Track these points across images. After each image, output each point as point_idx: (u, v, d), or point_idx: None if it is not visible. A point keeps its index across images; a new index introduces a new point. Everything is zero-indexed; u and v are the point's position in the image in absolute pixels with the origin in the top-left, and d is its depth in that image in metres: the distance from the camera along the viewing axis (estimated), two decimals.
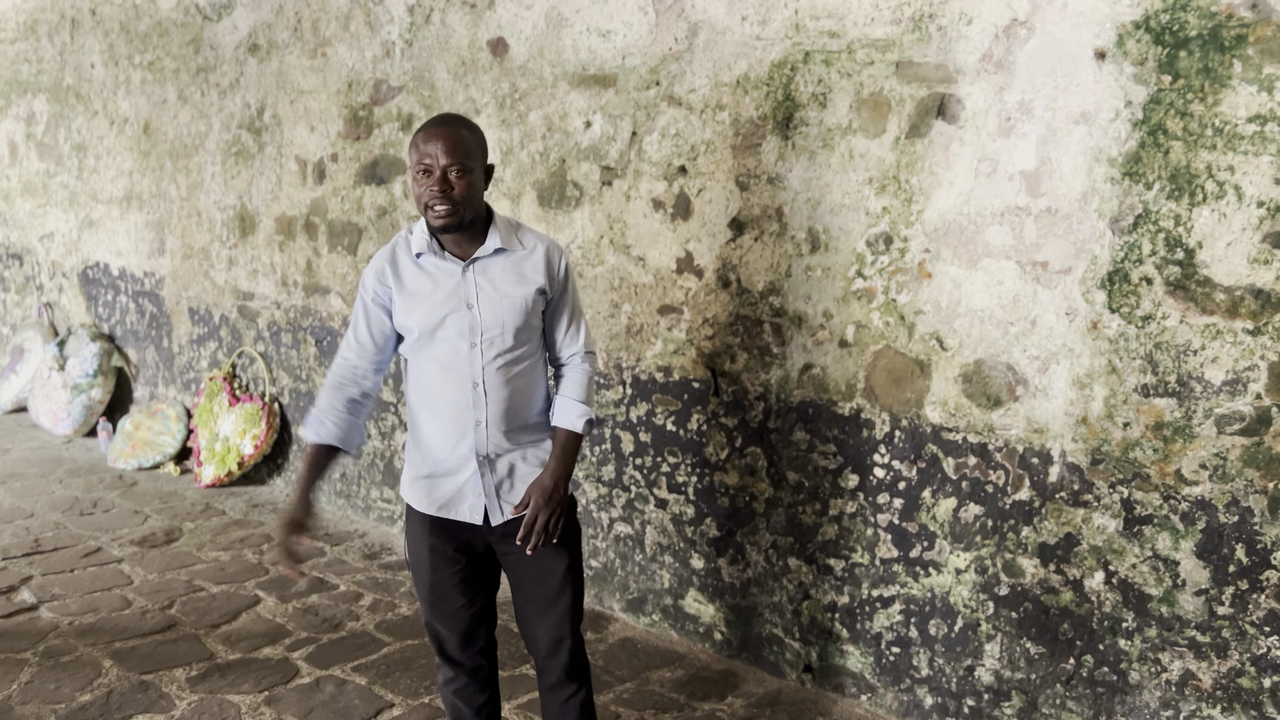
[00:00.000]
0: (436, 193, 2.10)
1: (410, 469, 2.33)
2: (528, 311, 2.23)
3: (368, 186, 4.35)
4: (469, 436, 2.22)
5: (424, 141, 2.12)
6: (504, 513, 2.26)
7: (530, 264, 2.25)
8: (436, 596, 2.31)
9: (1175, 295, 2.45)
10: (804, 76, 3.00)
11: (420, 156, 2.11)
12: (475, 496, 2.24)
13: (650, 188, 3.39)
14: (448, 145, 2.10)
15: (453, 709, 2.44)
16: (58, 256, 6.33)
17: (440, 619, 2.33)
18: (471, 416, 2.21)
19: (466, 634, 2.34)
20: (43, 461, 5.41)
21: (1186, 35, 2.38)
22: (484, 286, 2.20)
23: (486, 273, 2.21)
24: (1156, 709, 2.59)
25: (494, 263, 2.22)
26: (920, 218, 2.82)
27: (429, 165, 2.11)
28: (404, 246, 2.25)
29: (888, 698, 3.06)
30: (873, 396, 2.98)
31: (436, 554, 2.29)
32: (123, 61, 5.56)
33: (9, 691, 3.04)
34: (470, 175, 2.14)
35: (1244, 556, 2.43)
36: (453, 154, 2.10)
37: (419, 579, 2.34)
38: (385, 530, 4.49)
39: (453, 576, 2.30)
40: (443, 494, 2.26)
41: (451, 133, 2.12)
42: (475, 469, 2.23)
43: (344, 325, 4.55)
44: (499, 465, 2.25)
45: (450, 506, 2.26)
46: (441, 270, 2.21)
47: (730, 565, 3.38)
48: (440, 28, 3.96)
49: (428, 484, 2.28)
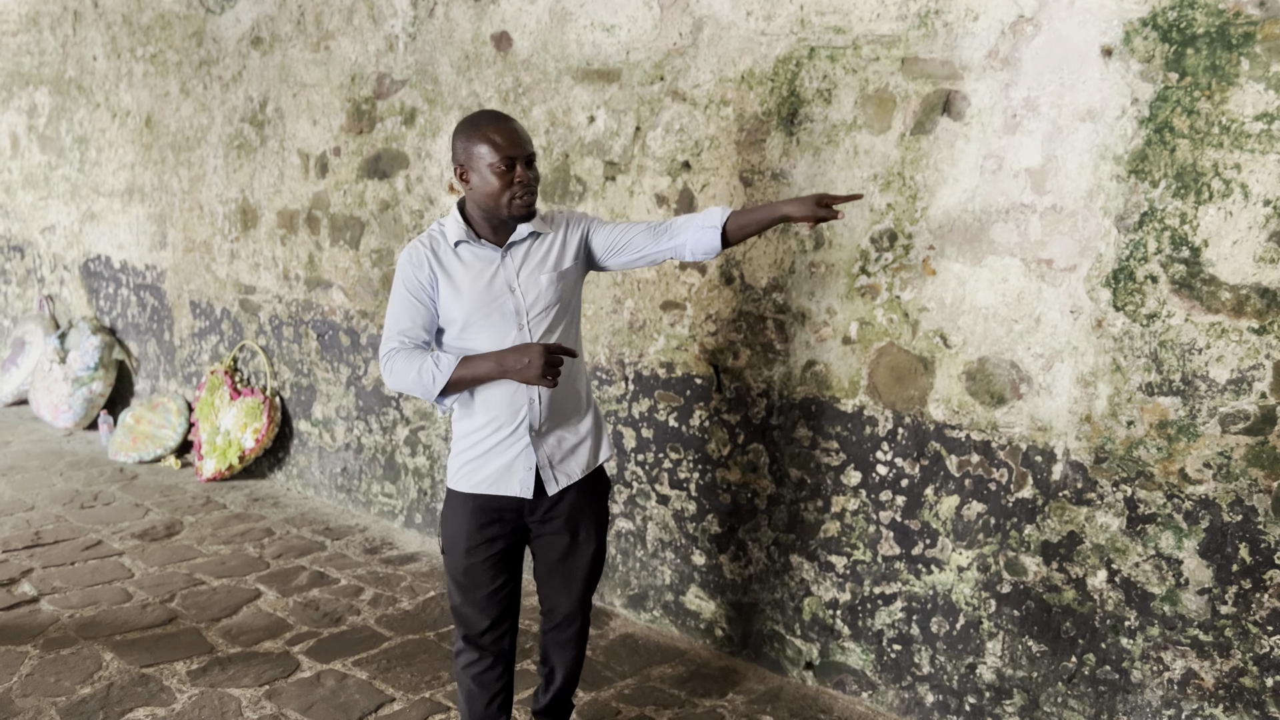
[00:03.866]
0: (525, 183, 2.24)
1: (460, 455, 2.39)
2: (567, 287, 2.36)
3: (370, 180, 4.34)
4: (522, 411, 2.31)
5: (500, 136, 2.23)
6: (559, 483, 2.37)
7: (559, 242, 2.38)
8: (470, 580, 2.38)
9: (1180, 293, 2.45)
10: (809, 72, 2.99)
11: (501, 152, 2.22)
12: (526, 471, 2.34)
13: (654, 183, 3.38)
14: (522, 139, 2.25)
15: (468, 693, 2.47)
16: (59, 249, 6.33)
17: (471, 602, 2.39)
18: (525, 394, 2.30)
19: (496, 618, 2.42)
20: (43, 454, 5.41)
21: (1194, 33, 2.37)
22: (523, 269, 2.32)
23: (524, 256, 2.33)
24: (1159, 708, 2.59)
25: (529, 246, 2.34)
26: (925, 214, 2.82)
27: (514, 159, 2.23)
28: (440, 238, 2.34)
29: (889, 695, 3.06)
30: (876, 393, 2.98)
31: (475, 536, 2.36)
32: (125, 54, 5.55)
33: (9, 684, 3.04)
34: (535, 163, 2.31)
35: (1247, 556, 2.42)
36: (527, 145, 2.26)
37: (453, 562, 2.40)
38: (386, 525, 4.48)
39: (488, 560, 2.37)
40: (493, 471, 2.34)
41: (520, 127, 2.27)
42: (528, 444, 2.33)
43: (345, 319, 4.55)
44: (549, 439, 2.37)
45: (501, 483, 2.34)
46: (480, 257, 2.31)
47: (732, 562, 3.38)
48: (444, 21, 3.95)
49: (478, 464, 2.35)
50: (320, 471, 4.82)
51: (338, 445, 4.71)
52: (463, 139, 2.26)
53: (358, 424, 4.59)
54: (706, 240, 2.38)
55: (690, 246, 2.40)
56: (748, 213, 2.38)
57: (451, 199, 4.03)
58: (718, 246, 2.39)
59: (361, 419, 4.57)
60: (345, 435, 4.66)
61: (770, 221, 2.38)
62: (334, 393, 4.68)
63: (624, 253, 2.43)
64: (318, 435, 4.81)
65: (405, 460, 4.40)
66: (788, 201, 2.35)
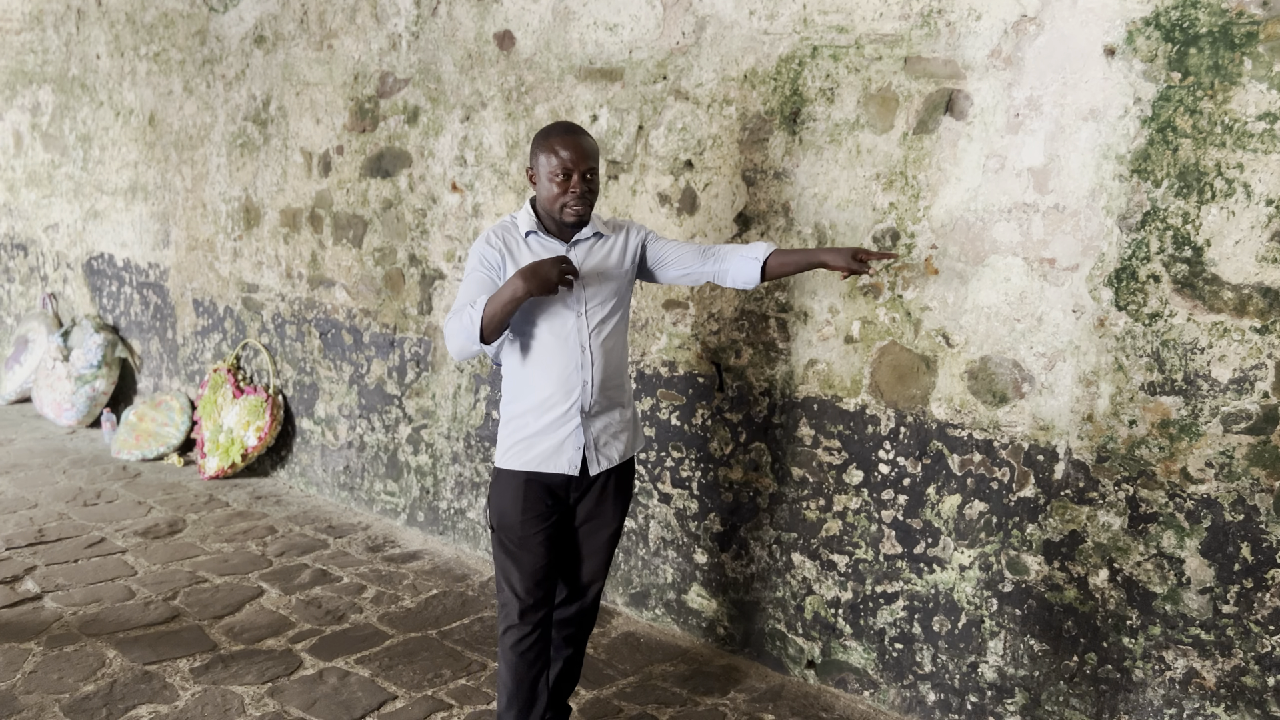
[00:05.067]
0: (577, 194, 2.42)
1: (510, 435, 2.53)
2: (622, 286, 2.56)
3: (373, 179, 4.34)
4: (575, 394, 2.47)
5: (562, 148, 2.41)
6: (600, 464, 2.53)
7: (619, 245, 2.58)
8: (525, 550, 2.50)
9: (1183, 293, 2.45)
10: (811, 71, 2.99)
11: (561, 162, 2.41)
12: (574, 450, 2.49)
13: (656, 182, 3.38)
14: (585, 152, 2.43)
15: (516, 670, 2.55)
16: (62, 247, 6.34)
17: (524, 575, 2.51)
18: (579, 377, 2.47)
19: (546, 591, 2.55)
20: (46, 452, 5.42)
21: (1197, 32, 2.37)
22: (585, 263, 2.50)
23: (586, 252, 2.51)
24: (1160, 707, 2.59)
25: (592, 245, 2.53)
26: (927, 214, 2.82)
27: (570, 169, 2.41)
28: (511, 228, 2.52)
29: (890, 694, 3.06)
30: (878, 393, 2.98)
31: (529, 510, 2.50)
32: (128, 52, 5.56)
33: (12, 681, 3.05)
34: (596, 177, 2.47)
35: (1249, 555, 2.42)
36: (589, 159, 2.44)
37: (507, 536, 2.52)
38: (388, 523, 4.49)
39: (539, 534, 2.51)
40: (543, 450, 2.49)
41: (586, 141, 2.44)
42: (578, 424, 2.48)
43: (348, 317, 4.55)
44: (597, 421, 2.52)
45: (550, 461, 2.49)
46: (548, 248, 2.49)
47: (734, 560, 3.38)
48: (447, 20, 3.96)
49: (528, 443, 2.50)
50: (323, 470, 4.83)
51: (340, 443, 4.71)
52: (535, 145, 2.47)
53: (360, 422, 4.59)
54: (748, 270, 2.56)
55: (733, 274, 2.58)
56: (789, 253, 2.58)
57: (454, 197, 4.04)
58: (757, 278, 2.57)
59: (364, 417, 4.57)
60: (348, 433, 4.67)
61: (808, 265, 2.57)
62: (337, 391, 4.69)
63: (672, 267, 2.61)
64: (320, 433, 4.81)
65: (408, 458, 4.40)
66: (826, 250, 2.55)
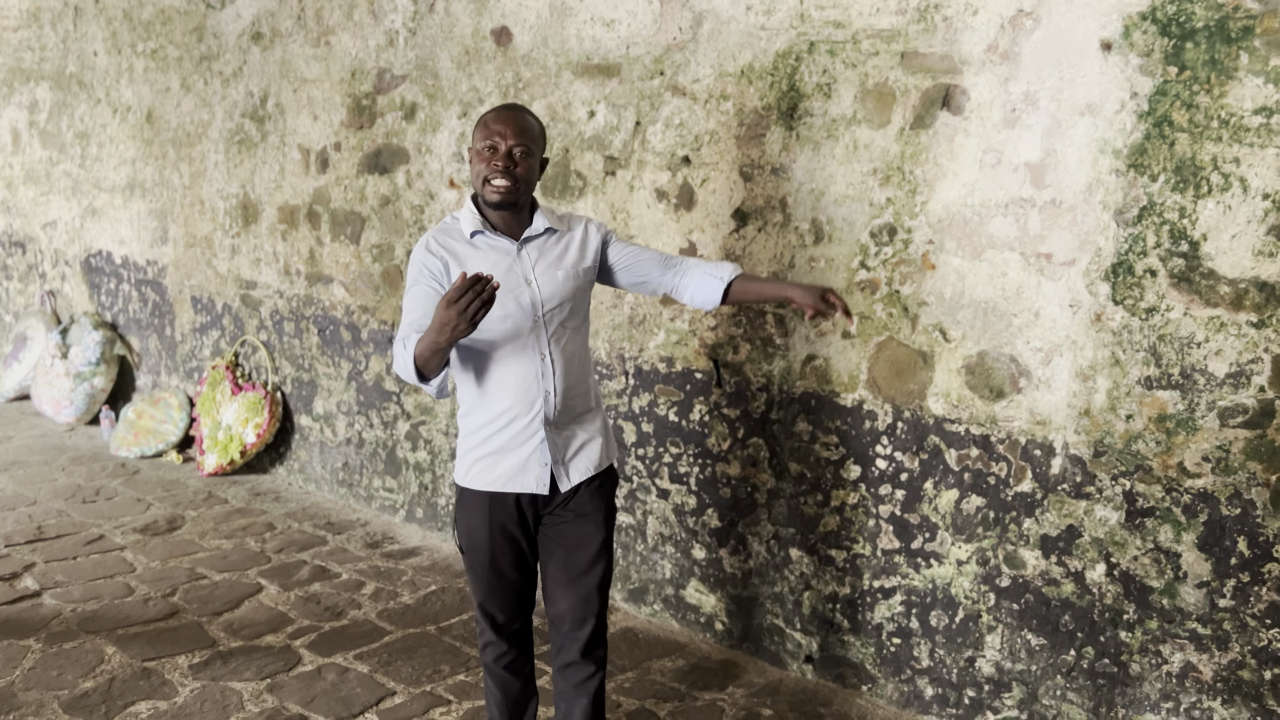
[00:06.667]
0: (500, 168, 2.21)
1: (469, 452, 2.34)
2: (581, 287, 2.36)
3: (371, 176, 4.34)
4: (537, 404, 2.28)
5: (494, 121, 2.23)
6: (571, 479, 2.34)
7: (576, 241, 2.38)
8: (496, 576, 2.36)
9: (1179, 288, 2.45)
10: (809, 67, 2.99)
11: (489, 134, 2.21)
12: (541, 467, 2.30)
13: (654, 178, 3.38)
14: (517, 127, 2.22)
15: (502, 682, 2.46)
16: (60, 244, 6.33)
17: (498, 597, 2.38)
18: (541, 386, 2.27)
19: (521, 608, 2.42)
20: (45, 449, 5.42)
21: (1193, 26, 2.37)
22: (539, 263, 2.30)
23: (539, 251, 2.32)
24: (1157, 700, 2.59)
25: (544, 242, 2.33)
26: (924, 209, 2.82)
27: (496, 143, 2.21)
28: (453, 229, 2.32)
29: (888, 688, 3.07)
30: (875, 388, 2.98)
31: (496, 533, 2.33)
32: (126, 49, 5.55)
33: (12, 678, 3.05)
34: (531, 159, 2.26)
35: (1246, 549, 2.43)
36: (520, 135, 2.22)
37: (476, 560, 2.36)
38: (387, 519, 4.49)
39: (510, 555, 2.35)
40: (508, 468, 2.30)
41: (521, 117, 2.25)
42: (543, 439, 2.29)
43: (346, 314, 4.55)
44: (563, 434, 2.33)
45: (516, 480, 2.30)
46: (496, 248, 2.29)
47: (732, 556, 3.38)
48: (444, 16, 3.95)
49: (490, 461, 2.31)
50: (321, 466, 4.83)
51: (339, 440, 4.72)
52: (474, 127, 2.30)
53: (359, 419, 4.60)
54: (709, 290, 2.42)
55: (692, 291, 2.44)
56: (755, 280, 2.46)
57: (452, 194, 4.03)
58: (718, 300, 2.43)
59: (362, 414, 4.57)
60: (346, 430, 4.67)
61: (774, 297, 2.46)
62: (335, 388, 4.69)
63: (629, 272, 2.46)
64: (319, 430, 4.81)
65: (406, 455, 4.40)
66: (796, 285, 2.41)
